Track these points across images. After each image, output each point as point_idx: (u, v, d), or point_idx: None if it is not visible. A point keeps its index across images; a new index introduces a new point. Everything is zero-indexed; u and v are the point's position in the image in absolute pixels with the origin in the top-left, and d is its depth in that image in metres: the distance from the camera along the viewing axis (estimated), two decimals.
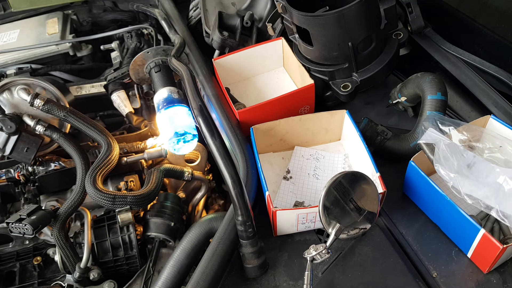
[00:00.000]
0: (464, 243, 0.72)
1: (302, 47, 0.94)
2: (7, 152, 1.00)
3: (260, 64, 1.08)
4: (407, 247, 0.75)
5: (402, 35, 0.94)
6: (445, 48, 0.98)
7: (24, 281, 0.96)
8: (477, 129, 0.80)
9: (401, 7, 0.97)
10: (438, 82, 0.85)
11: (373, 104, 1.03)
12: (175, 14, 1.26)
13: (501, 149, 0.77)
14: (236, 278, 0.72)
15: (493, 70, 0.91)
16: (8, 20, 1.47)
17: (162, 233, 0.92)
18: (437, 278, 0.70)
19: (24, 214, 0.84)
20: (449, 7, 1.06)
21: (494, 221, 0.75)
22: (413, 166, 0.76)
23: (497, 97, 0.88)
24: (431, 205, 0.77)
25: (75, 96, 1.20)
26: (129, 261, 0.90)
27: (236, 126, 0.89)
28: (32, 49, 1.29)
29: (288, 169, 0.89)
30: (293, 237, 0.78)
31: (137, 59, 1.05)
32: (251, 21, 1.07)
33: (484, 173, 0.70)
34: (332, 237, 0.68)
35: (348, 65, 0.90)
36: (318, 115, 0.89)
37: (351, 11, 0.81)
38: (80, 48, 1.37)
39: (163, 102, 0.96)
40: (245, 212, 0.66)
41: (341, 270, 0.72)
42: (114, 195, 0.88)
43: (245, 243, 0.68)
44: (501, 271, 0.70)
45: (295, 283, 0.71)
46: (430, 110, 0.83)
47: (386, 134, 0.87)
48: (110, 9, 1.56)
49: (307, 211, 0.73)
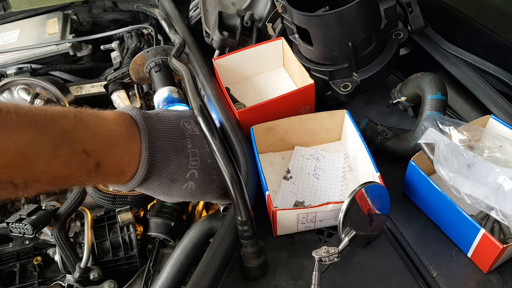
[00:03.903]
0: (464, 243, 0.72)
1: (302, 47, 0.94)
2: None
3: (260, 64, 1.08)
4: (407, 247, 0.75)
5: (402, 35, 0.94)
6: (445, 48, 0.98)
7: (24, 281, 0.96)
8: (477, 129, 0.80)
9: (401, 7, 0.97)
10: (438, 82, 0.85)
11: (373, 104, 1.03)
12: (175, 14, 1.26)
13: (501, 149, 0.77)
14: (236, 278, 0.72)
15: (493, 70, 0.91)
16: (8, 20, 1.47)
17: (162, 233, 0.92)
18: (437, 278, 0.70)
19: (24, 214, 0.84)
20: (449, 7, 1.06)
21: (494, 221, 0.75)
22: (413, 166, 0.76)
23: (497, 97, 0.88)
24: (431, 205, 0.77)
25: (75, 96, 1.20)
26: (129, 261, 0.91)
27: (236, 126, 0.89)
28: (32, 49, 1.29)
29: (288, 169, 0.89)
30: (293, 237, 0.78)
31: (137, 59, 1.05)
32: (251, 21, 1.07)
33: (484, 173, 0.70)
34: (344, 242, 0.68)
35: (348, 65, 0.90)
36: (318, 115, 0.89)
37: (351, 11, 0.81)
38: (80, 48, 1.37)
39: (163, 101, 0.96)
40: (245, 212, 0.66)
41: (341, 270, 0.72)
42: (114, 195, 0.88)
43: (245, 243, 0.68)
44: (501, 271, 0.70)
45: (295, 283, 0.71)
46: (430, 110, 0.83)
47: (386, 134, 0.87)
48: (110, 9, 1.56)
49: (307, 211, 0.73)
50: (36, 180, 0.54)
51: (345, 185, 0.86)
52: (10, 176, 0.51)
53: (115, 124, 0.61)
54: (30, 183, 0.54)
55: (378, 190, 0.72)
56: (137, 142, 0.63)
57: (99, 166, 0.58)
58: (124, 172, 0.62)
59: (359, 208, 0.70)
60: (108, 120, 0.61)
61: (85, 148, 0.56)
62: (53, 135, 0.54)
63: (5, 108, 0.51)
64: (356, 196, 0.69)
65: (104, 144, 0.59)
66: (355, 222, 0.70)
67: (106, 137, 0.59)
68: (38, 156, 0.53)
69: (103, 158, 0.58)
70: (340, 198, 0.83)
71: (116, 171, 0.61)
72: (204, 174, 0.71)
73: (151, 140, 0.64)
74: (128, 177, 0.63)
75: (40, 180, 0.54)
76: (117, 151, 0.60)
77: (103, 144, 0.59)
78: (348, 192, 0.78)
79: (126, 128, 0.62)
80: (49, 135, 0.53)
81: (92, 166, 0.57)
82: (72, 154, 0.55)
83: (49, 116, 0.54)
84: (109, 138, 0.60)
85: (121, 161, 0.61)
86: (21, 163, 0.51)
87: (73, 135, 0.56)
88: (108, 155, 0.59)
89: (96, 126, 0.59)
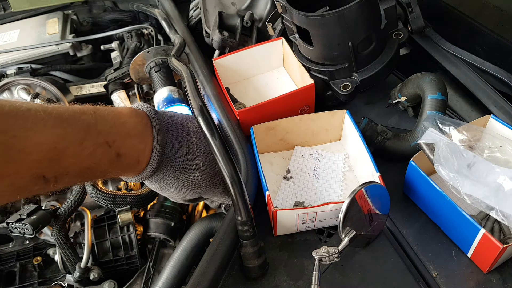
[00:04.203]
0: (464, 243, 0.72)
1: (302, 47, 0.94)
2: None
3: (260, 64, 1.08)
4: (407, 247, 0.75)
5: (402, 35, 0.94)
6: (445, 48, 0.98)
7: (24, 281, 0.96)
8: (477, 129, 0.80)
9: (401, 7, 0.97)
10: (438, 82, 0.85)
11: (373, 104, 1.03)
12: (175, 14, 1.26)
13: (501, 149, 0.77)
14: (236, 278, 0.72)
15: (493, 70, 0.91)
16: (8, 20, 1.47)
17: (162, 233, 0.92)
18: (437, 278, 0.70)
19: (24, 214, 0.84)
20: (449, 7, 1.06)
21: (494, 221, 0.75)
22: (413, 166, 0.76)
23: (497, 97, 0.88)
24: (431, 205, 0.77)
25: (75, 96, 1.20)
26: (129, 261, 0.91)
27: (236, 126, 0.89)
28: (32, 49, 1.29)
29: (288, 169, 0.89)
30: (293, 237, 0.78)
31: (137, 59, 1.05)
32: (251, 21, 1.07)
33: (484, 173, 0.70)
34: (344, 242, 0.69)
35: (348, 65, 0.90)
36: (318, 115, 0.89)
37: (351, 11, 0.81)
38: (80, 48, 1.37)
39: (163, 101, 0.96)
40: (245, 212, 0.66)
41: (341, 270, 0.72)
42: (114, 195, 0.88)
43: (245, 243, 0.68)
44: (501, 271, 0.70)
45: (295, 283, 0.71)
46: (430, 110, 0.83)
47: (386, 134, 0.87)
48: (110, 9, 1.56)
49: (307, 211, 0.73)
50: (66, 173, 0.58)
51: (345, 185, 0.86)
52: (42, 171, 0.55)
53: (129, 117, 0.66)
54: (60, 177, 0.58)
55: (378, 190, 0.72)
56: (150, 132, 0.67)
57: (119, 156, 0.63)
58: (140, 162, 0.66)
59: (359, 208, 0.70)
60: (123, 114, 0.65)
61: (107, 140, 0.61)
62: (79, 129, 0.58)
63: (33, 107, 0.55)
64: (356, 196, 0.69)
65: (122, 135, 0.63)
66: (355, 222, 0.70)
67: (123, 128, 0.64)
68: (68, 150, 0.56)
69: (122, 148, 0.63)
70: (340, 198, 0.83)
71: (133, 161, 0.66)
72: (208, 165, 0.74)
73: (162, 131, 0.68)
74: (143, 166, 0.67)
75: (69, 173, 0.58)
76: (133, 141, 0.65)
77: (121, 135, 0.63)
78: (348, 192, 0.78)
79: (139, 120, 0.66)
80: (76, 130, 0.58)
81: (114, 156, 0.62)
82: (96, 145, 0.59)
83: (72, 112, 0.59)
84: (126, 129, 0.64)
85: (137, 151, 0.65)
86: (53, 157, 0.55)
87: (95, 128, 0.60)
88: (126, 145, 0.64)
89: (114, 119, 0.63)
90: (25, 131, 0.53)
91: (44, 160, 0.54)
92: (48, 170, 0.56)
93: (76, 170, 0.59)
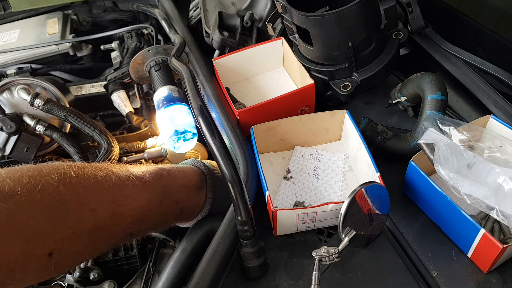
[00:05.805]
0: (464, 243, 0.72)
1: (302, 47, 0.94)
2: (7, 152, 1.00)
3: (260, 64, 1.08)
4: (407, 247, 0.75)
5: (402, 35, 0.94)
6: (445, 48, 0.98)
7: None
8: (477, 129, 0.80)
9: (401, 7, 0.97)
10: (438, 82, 0.85)
11: (373, 104, 1.03)
12: (175, 14, 1.26)
13: (501, 149, 0.77)
14: (236, 278, 0.72)
15: (493, 70, 0.91)
16: (8, 20, 1.46)
17: (162, 233, 0.92)
18: (437, 278, 0.70)
19: None
20: (449, 7, 1.06)
21: (494, 221, 0.75)
22: (413, 166, 0.76)
23: (497, 97, 0.88)
24: (431, 205, 0.77)
25: (75, 96, 1.19)
26: (129, 261, 0.91)
27: (236, 126, 0.89)
28: (32, 49, 1.29)
29: (288, 169, 0.89)
30: (293, 237, 0.78)
31: (137, 58, 1.05)
32: (251, 21, 1.07)
33: (484, 173, 0.70)
34: (344, 242, 0.68)
35: (348, 65, 0.90)
36: (318, 115, 0.89)
37: (351, 11, 0.81)
38: (80, 48, 1.36)
39: (163, 100, 0.96)
40: (245, 212, 0.66)
41: (341, 270, 0.72)
42: None
43: (245, 243, 0.68)
44: (501, 271, 0.70)
45: (295, 283, 0.71)
46: (430, 110, 0.83)
47: (386, 134, 0.87)
48: (110, 9, 1.56)
49: (307, 211, 0.73)
50: (145, 229, 0.68)
51: (345, 185, 0.86)
52: (131, 230, 0.64)
53: (192, 176, 0.76)
54: (142, 232, 0.69)
55: (378, 190, 0.72)
56: (204, 188, 0.77)
57: (182, 211, 0.73)
58: (194, 211, 0.77)
59: (359, 208, 0.69)
60: (188, 173, 0.76)
61: (176, 198, 0.71)
62: (160, 192, 0.68)
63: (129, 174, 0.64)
64: (356, 196, 0.68)
65: (186, 192, 0.74)
66: (355, 222, 0.70)
67: (188, 187, 0.74)
68: (151, 211, 0.66)
69: (185, 203, 0.73)
70: (340, 198, 0.83)
71: (190, 212, 0.77)
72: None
73: (214, 186, 0.78)
74: (195, 215, 0.78)
75: (147, 228, 0.69)
76: (193, 196, 0.75)
77: (185, 193, 0.73)
78: (348, 192, 0.78)
79: (198, 178, 0.77)
80: (157, 193, 0.67)
81: (178, 211, 0.72)
82: (169, 204, 0.70)
83: (154, 176, 0.68)
84: (190, 188, 0.75)
85: (194, 204, 0.76)
86: (140, 218, 0.64)
87: (169, 189, 0.70)
88: (188, 201, 0.74)
89: (182, 180, 0.74)
90: (126, 199, 0.62)
91: (135, 221, 0.64)
92: (135, 229, 0.65)
93: (153, 225, 0.70)
